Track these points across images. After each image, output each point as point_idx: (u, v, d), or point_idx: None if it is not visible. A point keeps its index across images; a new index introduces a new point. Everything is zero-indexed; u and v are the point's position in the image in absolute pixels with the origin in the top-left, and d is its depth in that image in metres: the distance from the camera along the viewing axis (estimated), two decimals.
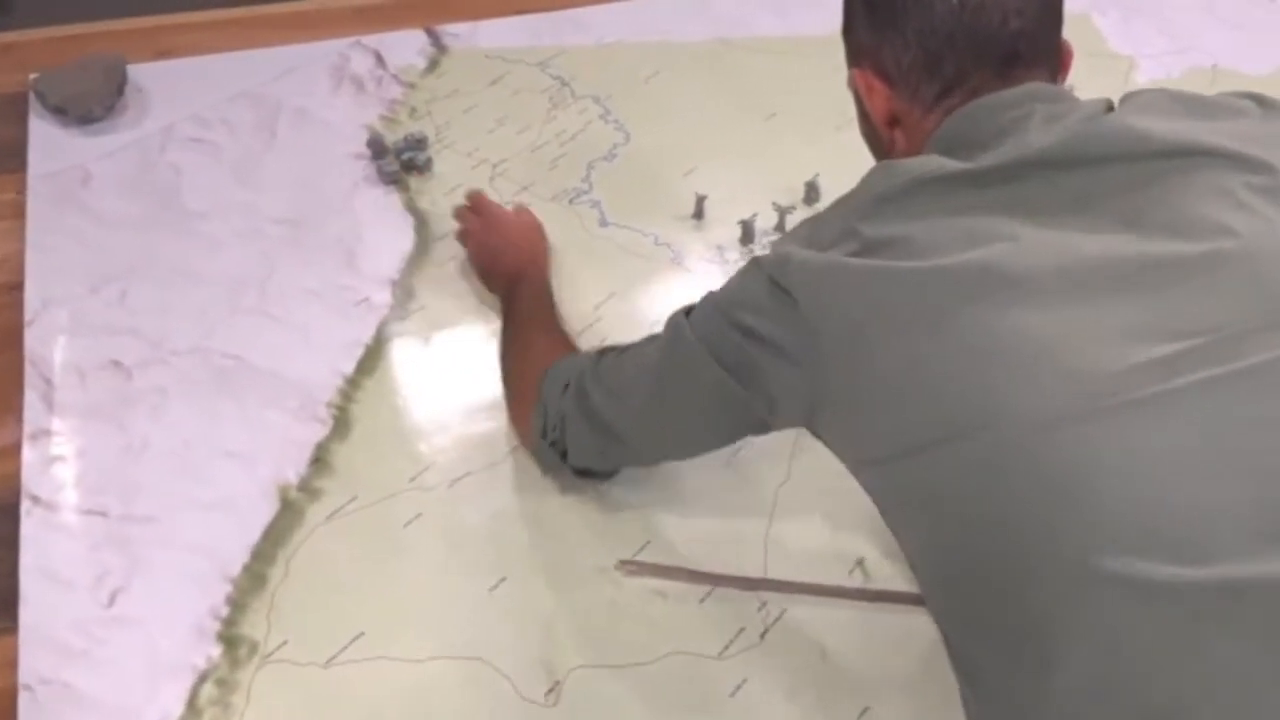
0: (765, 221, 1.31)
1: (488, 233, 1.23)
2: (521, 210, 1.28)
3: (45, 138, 1.39)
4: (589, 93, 1.53)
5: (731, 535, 1.00)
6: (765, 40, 1.65)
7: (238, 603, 0.94)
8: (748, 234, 1.29)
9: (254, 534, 0.98)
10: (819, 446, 0.83)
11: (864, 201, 0.77)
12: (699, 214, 1.33)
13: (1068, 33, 0.86)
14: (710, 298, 0.85)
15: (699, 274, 1.26)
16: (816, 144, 1.45)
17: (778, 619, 0.94)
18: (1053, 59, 0.84)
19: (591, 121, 1.49)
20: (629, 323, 1.18)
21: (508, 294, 1.16)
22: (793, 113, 1.51)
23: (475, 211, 1.25)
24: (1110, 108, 0.80)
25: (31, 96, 1.43)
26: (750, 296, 0.80)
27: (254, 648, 0.91)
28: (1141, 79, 1.59)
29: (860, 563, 0.98)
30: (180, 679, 0.89)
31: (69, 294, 1.19)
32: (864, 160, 1.43)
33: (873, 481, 0.79)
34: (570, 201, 1.35)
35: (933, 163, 0.76)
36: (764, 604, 0.95)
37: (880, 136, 0.90)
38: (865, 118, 0.92)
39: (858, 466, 0.79)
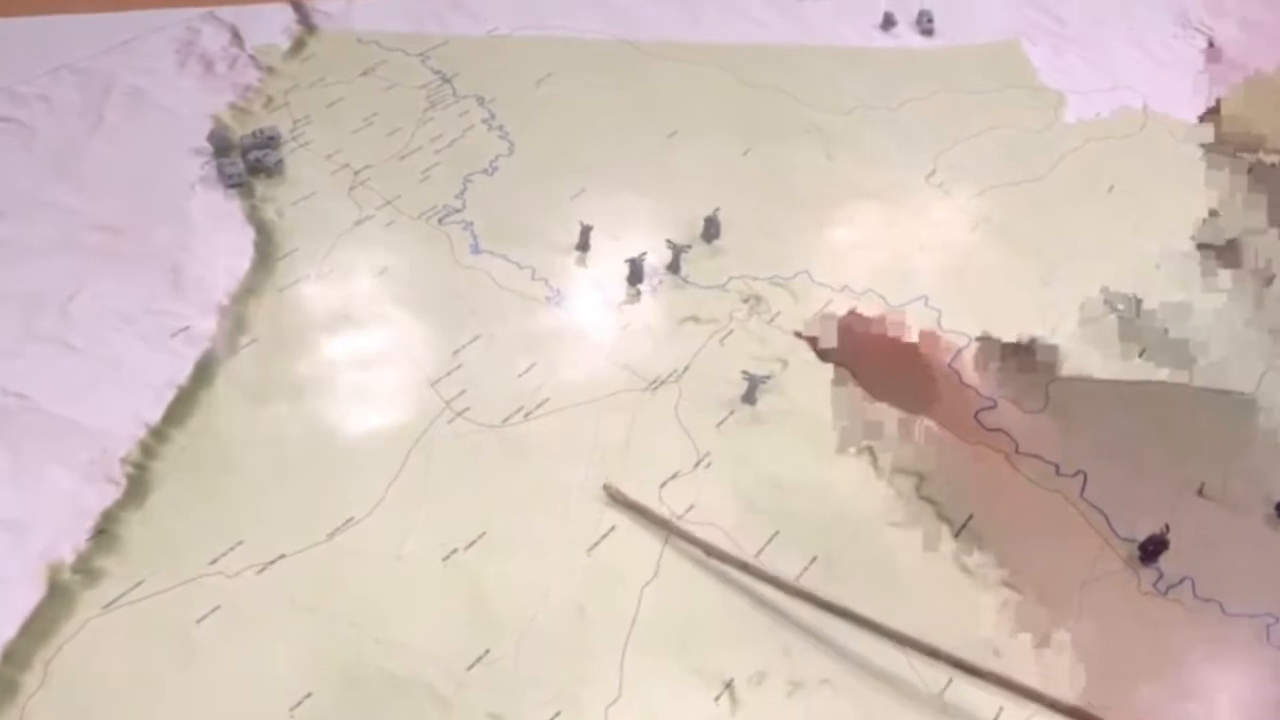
0: (657, 259, 1.17)
1: None
2: None
3: None
4: (472, 92, 1.37)
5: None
6: (673, 45, 1.51)
7: None
8: (636, 273, 1.15)
9: (9, 627, 0.82)
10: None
11: None
12: (584, 245, 1.19)
13: (995, 61, 0.70)
14: None
15: (579, 316, 1.12)
16: (719, 169, 1.32)
17: None
18: None
19: (473, 126, 1.33)
20: (493, 375, 1.04)
21: None
22: (696, 131, 1.37)
23: None
24: None
25: None
26: None
27: None
28: (1070, 117, 1.49)
29: (728, 685, 0.86)
30: None
31: None
32: (771, 193, 1.33)
33: None
34: (440, 221, 1.20)
35: None
36: None
37: None
38: None
39: None
